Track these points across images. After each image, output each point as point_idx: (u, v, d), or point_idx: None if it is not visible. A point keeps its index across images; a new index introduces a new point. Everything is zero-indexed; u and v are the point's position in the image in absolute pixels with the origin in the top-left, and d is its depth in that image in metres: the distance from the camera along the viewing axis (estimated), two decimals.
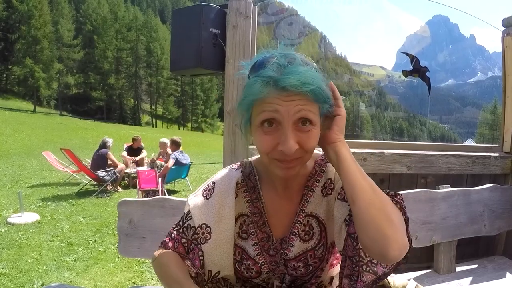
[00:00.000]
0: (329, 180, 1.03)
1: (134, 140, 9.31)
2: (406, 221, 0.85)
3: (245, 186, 1.05)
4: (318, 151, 1.07)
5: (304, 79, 0.79)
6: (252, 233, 1.03)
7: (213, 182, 1.05)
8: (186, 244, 1.01)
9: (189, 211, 1.02)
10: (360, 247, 0.88)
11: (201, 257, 0.99)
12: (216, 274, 1.01)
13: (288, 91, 0.79)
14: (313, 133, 0.84)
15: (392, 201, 0.86)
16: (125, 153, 8.99)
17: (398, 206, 0.86)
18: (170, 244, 1.02)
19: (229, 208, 0.99)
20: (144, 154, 9.17)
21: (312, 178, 1.04)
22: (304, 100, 0.80)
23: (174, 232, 1.04)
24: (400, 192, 0.90)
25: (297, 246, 1.01)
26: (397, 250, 0.77)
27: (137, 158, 8.91)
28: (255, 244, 1.02)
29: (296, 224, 1.01)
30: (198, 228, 1.00)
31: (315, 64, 0.87)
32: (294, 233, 1.01)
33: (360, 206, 0.80)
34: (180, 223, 1.04)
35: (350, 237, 0.90)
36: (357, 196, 0.81)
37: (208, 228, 0.99)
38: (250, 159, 1.10)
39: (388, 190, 0.91)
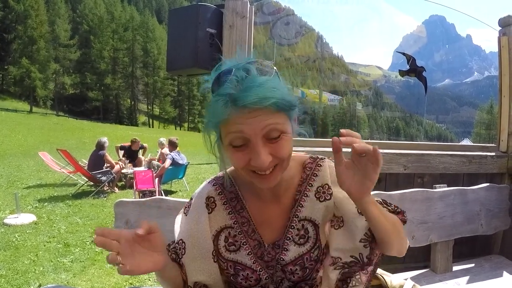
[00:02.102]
0: (326, 186, 1.02)
1: (133, 142, 9.23)
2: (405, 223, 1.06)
3: (224, 198, 1.04)
4: (305, 154, 1.09)
5: (263, 94, 0.76)
6: (244, 243, 1.01)
7: (191, 198, 1.07)
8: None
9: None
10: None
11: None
12: (202, 286, 1.01)
13: (249, 108, 0.76)
14: (284, 140, 0.83)
15: (401, 219, 1.03)
16: (121, 153, 9.02)
17: (403, 221, 1.04)
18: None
19: (202, 224, 1.01)
20: (145, 149, 9.48)
21: (304, 183, 1.02)
22: (269, 114, 0.79)
23: (167, 247, 1.07)
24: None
25: (292, 250, 0.99)
26: (404, 251, 1.01)
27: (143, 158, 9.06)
28: (249, 254, 1.00)
29: (290, 229, 1.00)
30: (176, 244, 1.04)
31: (275, 69, 0.85)
32: (288, 238, 0.99)
33: (387, 241, 0.94)
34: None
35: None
36: (385, 237, 0.93)
37: (184, 244, 1.01)
38: (227, 170, 1.07)
39: (397, 208, 1.06)
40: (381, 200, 1.08)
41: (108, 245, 0.74)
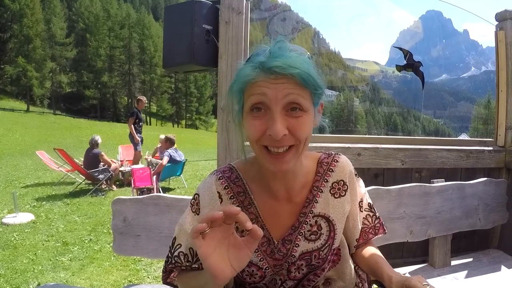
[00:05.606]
0: (342, 182, 1.03)
1: (138, 100, 8.78)
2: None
3: (230, 192, 1.00)
4: (317, 151, 1.08)
5: (290, 62, 0.79)
6: None
7: (198, 195, 1.02)
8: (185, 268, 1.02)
9: (175, 238, 1.02)
10: None
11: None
12: None
13: (275, 73, 0.80)
14: (304, 119, 0.83)
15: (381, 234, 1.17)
16: (120, 152, 8.91)
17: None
18: (172, 275, 1.05)
19: None
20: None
21: (321, 178, 1.02)
22: (293, 84, 0.81)
23: (169, 266, 1.03)
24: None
25: (301, 245, 0.98)
26: None
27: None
28: (256, 251, 0.97)
29: (303, 225, 0.99)
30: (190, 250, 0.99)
31: (308, 54, 0.88)
32: (300, 233, 0.98)
33: None
34: (170, 254, 1.02)
35: None
36: None
37: None
38: (232, 164, 1.05)
39: (379, 220, 1.16)
40: (368, 207, 1.13)
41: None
